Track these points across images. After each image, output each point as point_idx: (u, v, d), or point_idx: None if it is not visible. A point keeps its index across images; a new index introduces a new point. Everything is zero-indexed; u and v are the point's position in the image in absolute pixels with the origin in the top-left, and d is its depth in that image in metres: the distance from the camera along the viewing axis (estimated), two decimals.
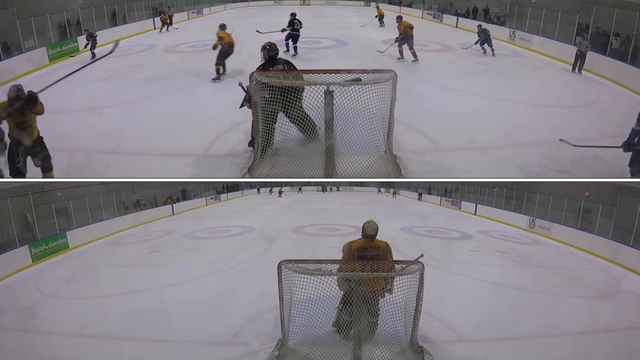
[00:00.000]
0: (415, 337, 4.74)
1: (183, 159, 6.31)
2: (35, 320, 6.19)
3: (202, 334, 5.52)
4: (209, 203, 24.36)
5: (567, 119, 8.43)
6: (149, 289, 7.63)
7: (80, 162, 6.25)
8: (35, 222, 11.23)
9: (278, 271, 4.37)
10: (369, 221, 4.86)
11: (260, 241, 12.01)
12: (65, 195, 12.60)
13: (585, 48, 12.33)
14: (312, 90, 5.20)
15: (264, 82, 5.38)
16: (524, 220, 15.23)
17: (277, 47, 6.42)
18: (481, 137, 7.08)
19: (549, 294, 7.43)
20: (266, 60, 6.31)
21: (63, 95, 9.87)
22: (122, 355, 5.13)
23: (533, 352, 5.26)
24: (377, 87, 5.22)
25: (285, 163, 5.74)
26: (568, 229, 12.76)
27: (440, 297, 6.17)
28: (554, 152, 6.58)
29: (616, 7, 13.09)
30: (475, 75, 11.41)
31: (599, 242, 11.03)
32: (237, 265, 9.24)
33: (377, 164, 5.76)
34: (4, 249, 9.45)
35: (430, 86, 9.56)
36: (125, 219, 15.31)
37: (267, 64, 6.27)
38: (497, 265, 9.73)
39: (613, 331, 5.93)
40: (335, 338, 4.91)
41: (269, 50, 6.32)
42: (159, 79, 10.58)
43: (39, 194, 11.46)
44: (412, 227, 14.51)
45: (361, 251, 4.75)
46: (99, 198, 14.52)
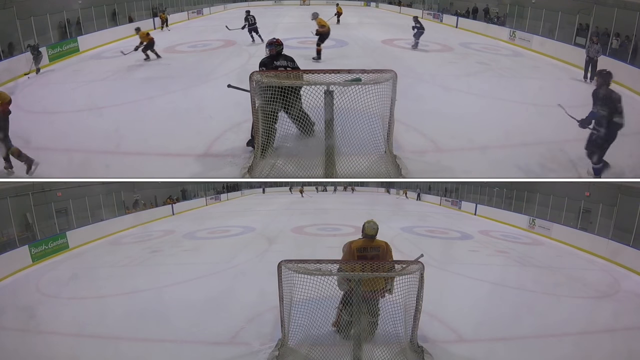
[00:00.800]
0: (415, 337, 4.74)
1: (183, 159, 6.31)
2: (35, 320, 6.19)
3: (202, 334, 5.52)
4: (209, 203, 24.37)
5: (567, 119, 8.40)
6: (149, 289, 7.63)
7: (80, 162, 6.25)
8: (35, 222, 11.23)
9: (278, 271, 4.37)
10: (369, 221, 4.86)
11: (260, 241, 12.01)
12: (65, 195, 12.60)
13: (595, 53, 11.44)
14: (312, 90, 5.20)
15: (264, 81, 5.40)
16: (524, 220, 15.24)
17: (282, 43, 6.53)
18: (481, 137, 7.08)
19: (549, 294, 7.43)
20: (272, 55, 6.44)
21: (63, 95, 9.90)
22: (122, 355, 5.13)
23: (533, 352, 5.26)
24: (377, 87, 5.21)
25: (285, 163, 5.74)
26: (568, 229, 12.76)
27: (440, 297, 6.17)
28: (554, 152, 6.58)
29: (616, 7, 13.09)
30: (475, 75, 11.41)
31: (599, 242, 11.03)
32: (237, 265, 9.24)
33: (377, 164, 5.75)
34: (4, 249, 9.45)
35: (430, 86, 9.56)
36: (125, 219, 15.32)
37: (272, 57, 6.42)
38: (497, 265, 9.73)
39: (613, 331, 5.93)
40: (335, 338, 4.91)
41: (276, 46, 6.46)
42: (159, 79, 10.58)
43: (39, 194, 11.46)
44: (412, 227, 14.51)
45: (361, 251, 4.75)
46: (99, 198, 14.53)
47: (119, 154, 6.49)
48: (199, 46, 14.67)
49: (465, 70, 11.85)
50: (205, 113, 7.92)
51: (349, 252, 4.78)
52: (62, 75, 11.84)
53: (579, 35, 14.45)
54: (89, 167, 6.17)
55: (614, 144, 5.85)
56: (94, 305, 6.89)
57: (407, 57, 13.30)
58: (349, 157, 5.49)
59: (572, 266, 10.00)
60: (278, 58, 6.41)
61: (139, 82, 10.44)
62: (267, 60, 6.36)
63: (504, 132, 7.27)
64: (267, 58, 6.42)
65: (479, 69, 12.12)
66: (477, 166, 6.32)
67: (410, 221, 16.34)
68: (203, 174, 6.10)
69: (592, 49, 11.42)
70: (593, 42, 11.58)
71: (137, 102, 8.94)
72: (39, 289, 7.99)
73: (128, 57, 12.59)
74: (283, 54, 6.48)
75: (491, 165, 6.35)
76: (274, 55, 6.42)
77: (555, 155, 6.55)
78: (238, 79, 9.45)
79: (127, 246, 12.16)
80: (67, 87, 10.59)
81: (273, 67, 6.24)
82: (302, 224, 15.16)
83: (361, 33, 18.10)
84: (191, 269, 8.97)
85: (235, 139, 6.78)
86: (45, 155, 6.45)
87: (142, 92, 9.48)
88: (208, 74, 10.86)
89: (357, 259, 4.64)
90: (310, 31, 12.69)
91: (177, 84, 10.09)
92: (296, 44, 14.64)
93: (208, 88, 9.78)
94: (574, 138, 7.17)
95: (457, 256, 10.38)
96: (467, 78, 11.03)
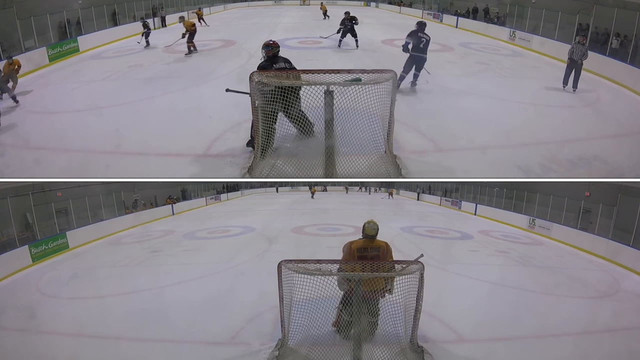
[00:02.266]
0: (415, 337, 4.74)
1: (183, 159, 6.31)
2: (35, 320, 6.20)
3: (202, 334, 5.53)
4: (209, 203, 24.37)
5: (567, 119, 8.44)
6: (149, 289, 7.63)
7: (80, 162, 6.25)
8: (35, 222, 11.24)
9: (278, 271, 4.37)
10: (370, 221, 4.86)
11: (260, 241, 12.01)
12: (65, 195, 12.60)
13: (580, 56, 9.77)
14: (312, 90, 5.20)
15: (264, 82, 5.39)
16: (524, 220, 15.24)
17: (278, 44, 6.49)
18: (481, 137, 7.08)
19: (549, 294, 7.43)
20: (268, 57, 6.39)
21: (63, 95, 9.90)
22: (122, 355, 5.13)
23: (533, 352, 5.26)
24: (377, 87, 5.21)
25: (285, 163, 5.74)
26: (568, 229, 12.76)
27: (440, 297, 6.18)
28: (554, 152, 6.58)
29: (616, 7, 13.09)
30: (475, 75, 11.41)
31: (599, 242, 11.03)
32: (237, 265, 9.24)
33: (377, 164, 5.75)
34: (4, 249, 9.45)
35: (430, 86, 9.55)
36: (125, 219, 15.32)
37: (269, 60, 6.37)
38: (497, 265, 9.73)
39: (613, 331, 5.93)
40: (335, 338, 4.92)
41: (273, 48, 6.41)
42: (159, 79, 10.58)
43: (39, 194, 11.47)
44: (412, 227, 14.51)
45: (361, 251, 4.75)
46: (99, 198, 14.53)
47: (119, 154, 6.49)
48: (198, 46, 14.66)
49: (465, 70, 11.84)
50: (205, 113, 7.92)
51: (349, 252, 4.78)
52: (62, 75, 11.83)
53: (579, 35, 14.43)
54: (89, 167, 6.17)
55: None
56: (94, 305, 6.89)
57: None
58: (349, 157, 5.49)
59: (572, 266, 10.00)
60: (276, 60, 6.37)
61: (139, 82, 10.43)
62: (266, 64, 6.30)
63: (504, 132, 7.27)
64: (266, 61, 6.36)
65: (479, 69, 12.12)
66: (477, 166, 6.32)
67: (410, 221, 16.35)
68: (203, 174, 6.10)
69: (577, 50, 9.85)
70: (579, 43, 10.01)
71: (137, 102, 8.94)
72: (39, 289, 7.99)
73: (128, 57, 12.59)
74: (280, 55, 6.44)
75: (491, 165, 6.35)
76: (271, 57, 6.38)
77: (555, 155, 6.55)
78: (238, 79, 9.51)
79: (127, 246, 12.16)
80: (67, 87, 10.58)
81: (273, 70, 6.16)
82: (302, 224, 15.15)
83: (361, 33, 18.07)
84: (191, 269, 8.98)
85: (235, 139, 6.77)
86: (45, 155, 6.47)
87: (142, 92, 9.48)
88: (208, 74, 10.85)
89: (358, 259, 4.64)
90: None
91: (177, 84, 10.10)
92: (296, 44, 14.65)
93: (208, 88, 9.77)
94: (574, 138, 7.19)
95: (457, 256, 10.38)
96: (467, 78, 11.03)
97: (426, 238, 12.84)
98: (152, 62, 12.65)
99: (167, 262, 9.89)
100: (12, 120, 8.05)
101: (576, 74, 9.93)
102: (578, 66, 9.89)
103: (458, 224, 16.00)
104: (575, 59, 9.86)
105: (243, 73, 8.27)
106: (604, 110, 9.28)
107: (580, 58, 9.86)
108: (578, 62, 9.87)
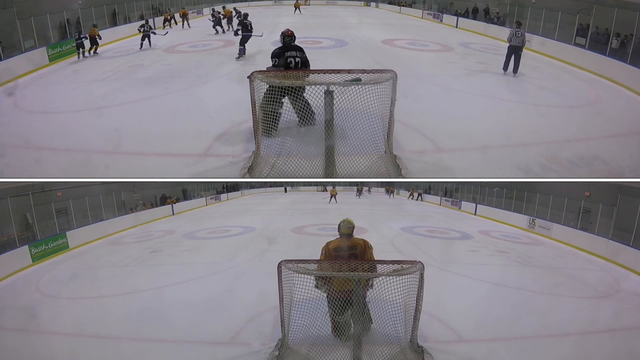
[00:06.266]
0: (415, 337, 4.74)
1: (183, 159, 6.31)
2: (35, 320, 6.20)
3: (202, 334, 5.53)
4: (209, 203, 24.37)
5: (567, 119, 8.43)
6: (149, 289, 7.63)
7: (80, 162, 6.25)
8: (35, 222, 11.23)
9: (278, 271, 4.37)
10: (344, 220, 4.93)
11: (260, 241, 12.01)
12: (65, 195, 12.60)
13: (518, 41, 10.25)
14: (312, 90, 5.21)
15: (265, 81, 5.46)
16: (524, 220, 15.23)
17: (293, 34, 6.87)
18: (481, 137, 7.08)
19: (549, 294, 7.43)
20: (284, 45, 6.80)
21: (63, 95, 9.89)
22: (122, 355, 5.13)
23: (533, 352, 5.26)
24: (377, 87, 5.21)
25: (285, 163, 5.74)
26: (568, 229, 12.76)
27: (440, 297, 6.18)
28: (554, 152, 6.58)
29: (616, 7, 13.09)
30: (475, 75, 11.40)
31: (599, 242, 11.03)
32: (237, 265, 9.24)
33: (377, 164, 5.75)
34: (4, 249, 9.44)
35: (430, 86, 9.55)
36: (125, 219, 15.32)
37: (283, 48, 6.76)
38: (497, 265, 9.72)
39: (613, 331, 5.93)
40: (335, 338, 4.91)
41: (286, 37, 6.83)
42: (159, 79, 10.58)
43: (39, 194, 11.47)
44: (412, 227, 14.50)
45: (337, 250, 4.78)
46: (99, 198, 14.53)
47: (119, 154, 6.49)
48: (199, 46, 14.67)
49: (465, 70, 11.84)
50: (205, 113, 7.92)
51: (326, 252, 4.81)
52: (62, 75, 11.83)
53: (579, 35, 14.46)
54: (89, 167, 6.17)
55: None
56: (94, 305, 6.89)
57: (407, 57, 13.30)
58: (349, 157, 5.50)
59: (572, 266, 10.00)
60: (289, 49, 6.74)
61: (139, 82, 10.43)
62: (279, 51, 6.72)
63: (504, 132, 7.27)
64: (279, 49, 6.76)
65: (479, 69, 12.12)
66: (477, 166, 6.32)
67: (410, 221, 16.33)
68: (203, 174, 6.10)
69: (516, 36, 10.37)
70: (518, 27, 10.67)
71: (137, 102, 8.94)
72: (39, 289, 7.99)
73: (128, 57, 12.58)
74: (294, 44, 6.82)
75: (491, 165, 6.35)
76: (285, 45, 6.76)
77: (555, 155, 6.55)
78: (238, 79, 9.51)
79: (127, 246, 12.15)
80: (67, 87, 10.58)
81: (284, 57, 6.61)
82: (302, 224, 15.15)
83: (361, 33, 18.10)
84: (191, 269, 8.98)
85: (235, 139, 6.77)
86: (45, 155, 6.47)
87: (142, 92, 9.48)
88: (208, 74, 10.85)
89: (334, 258, 4.66)
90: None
91: (177, 84, 10.10)
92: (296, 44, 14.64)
93: (208, 88, 9.78)
94: (574, 138, 7.19)
95: (457, 256, 10.38)
96: (467, 78, 11.03)
97: (426, 238, 12.83)
98: (152, 62, 12.65)
99: (167, 262, 9.89)
100: (12, 120, 8.05)
101: (516, 59, 10.56)
102: (517, 52, 10.49)
103: (458, 224, 15.99)
104: (515, 44, 10.44)
105: (243, 73, 8.26)
106: (604, 110, 9.28)
107: (519, 43, 10.46)
108: (518, 47, 10.48)
